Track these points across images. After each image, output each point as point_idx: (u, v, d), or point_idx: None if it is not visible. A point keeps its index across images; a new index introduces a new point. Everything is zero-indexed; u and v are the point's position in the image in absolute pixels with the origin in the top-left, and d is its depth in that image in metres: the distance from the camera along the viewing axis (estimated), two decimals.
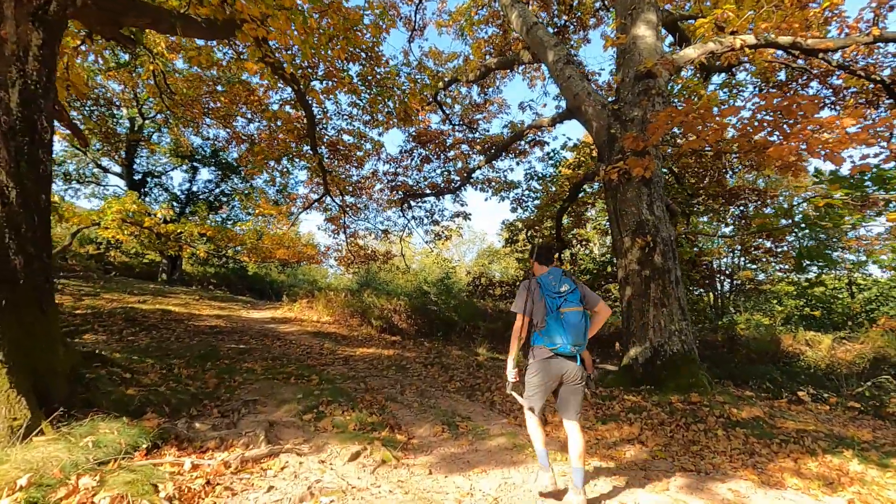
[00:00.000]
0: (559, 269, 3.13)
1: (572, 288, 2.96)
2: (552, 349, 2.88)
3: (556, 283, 2.97)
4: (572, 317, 2.86)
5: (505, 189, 11.61)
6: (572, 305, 2.89)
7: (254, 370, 5.83)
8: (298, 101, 8.34)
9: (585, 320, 2.93)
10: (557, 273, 3.05)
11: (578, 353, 2.91)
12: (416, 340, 12.44)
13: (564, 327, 2.84)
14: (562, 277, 3.01)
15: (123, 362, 4.14)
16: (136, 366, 4.31)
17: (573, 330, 2.84)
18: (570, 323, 2.85)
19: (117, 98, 18.85)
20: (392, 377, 6.95)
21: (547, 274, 3.05)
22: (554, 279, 2.99)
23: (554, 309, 2.89)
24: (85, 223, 11.71)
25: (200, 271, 24.25)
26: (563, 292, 2.93)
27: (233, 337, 8.94)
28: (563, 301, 2.90)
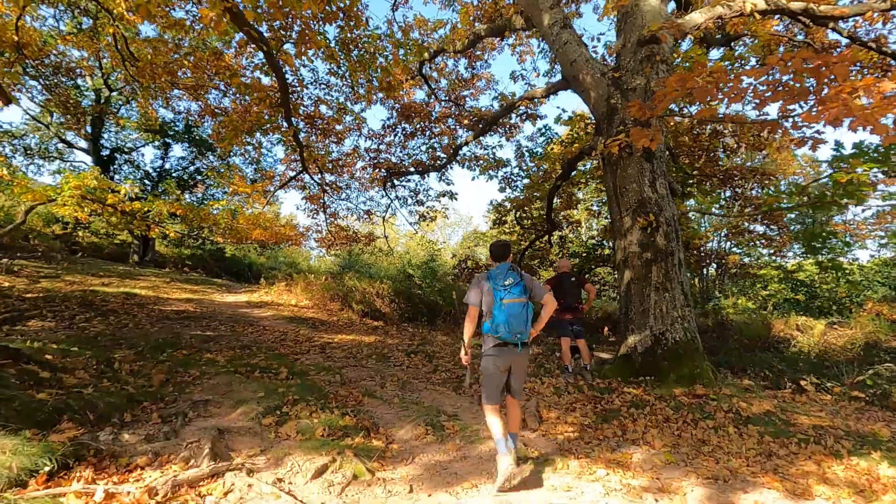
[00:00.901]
0: (507, 263, 3.37)
1: (516, 281, 3.22)
2: (496, 336, 3.18)
3: (502, 276, 3.23)
4: (513, 308, 3.14)
5: (493, 168, 10.99)
6: (513, 297, 3.16)
7: (215, 362, 5.21)
8: (268, 65, 7.55)
9: (527, 310, 3.21)
10: (504, 267, 3.31)
11: (521, 341, 3.18)
12: (399, 326, 11.90)
13: (507, 317, 3.12)
14: (508, 271, 3.27)
15: (46, 357, 3.49)
16: (66, 360, 3.67)
17: (514, 319, 3.12)
18: (511, 313, 3.12)
19: (80, 67, 17.59)
20: (372, 367, 6.39)
21: (496, 267, 3.34)
22: (500, 272, 3.26)
23: (498, 300, 3.17)
24: (40, 199, 10.77)
25: (175, 253, 23.26)
26: (507, 285, 3.19)
27: (200, 323, 8.27)
28: (506, 293, 3.17)
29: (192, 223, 15.19)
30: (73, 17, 16.00)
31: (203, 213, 14.05)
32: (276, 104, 9.04)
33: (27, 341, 4.40)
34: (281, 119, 9.63)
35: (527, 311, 3.20)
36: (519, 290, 3.20)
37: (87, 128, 19.61)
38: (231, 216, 14.94)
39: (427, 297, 13.69)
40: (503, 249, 3.48)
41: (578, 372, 6.10)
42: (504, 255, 3.45)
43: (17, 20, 10.48)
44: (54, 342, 4.83)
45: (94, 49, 13.85)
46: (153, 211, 12.51)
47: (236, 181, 15.85)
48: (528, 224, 12.39)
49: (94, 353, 4.41)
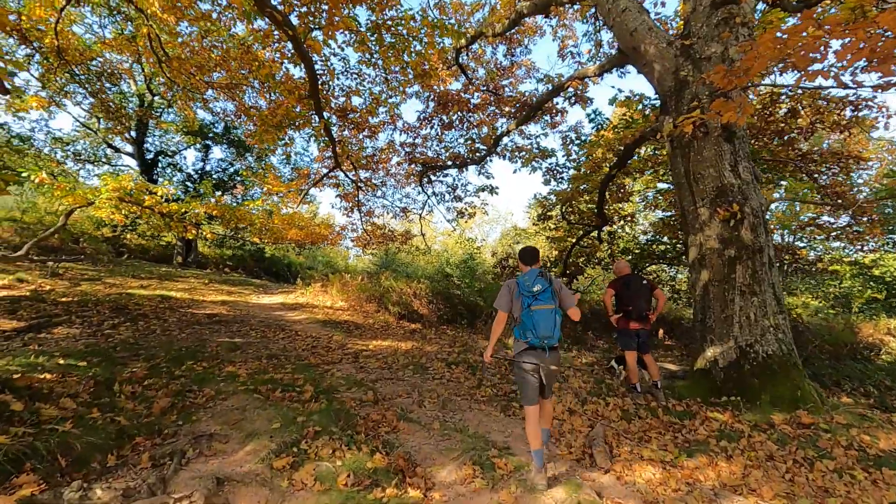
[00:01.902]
0: (536, 269, 3.40)
1: (544, 287, 3.27)
2: (526, 341, 3.31)
3: (531, 282, 3.28)
4: (541, 314, 3.21)
5: (538, 158, 10.12)
6: (541, 304, 3.23)
7: (235, 376, 4.69)
8: (296, 52, 7.03)
9: (555, 316, 3.26)
10: (533, 273, 3.34)
11: (549, 345, 3.27)
12: (437, 328, 11.25)
13: (534, 323, 3.21)
14: (536, 277, 3.30)
15: (32, 381, 3.02)
16: (57, 384, 3.20)
17: (542, 325, 3.20)
18: (538, 319, 3.21)
19: (122, 72, 17.93)
20: (408, 380, 5.74)
21: (525, 274, 3.39)
22: (529, 279, 3.31)
23: (526, 306, 3.26)
24: (80, 202, 10.77)
25: (217, 254, 23.58)
26: (535, 291, 3.24)
27: (230, 328, 7.89)
28: (533, 299, 3.24)
29: (228, 224, 15.14)
30: (114, 21, 16.23)
31: (239, 213, 13.91)
32: (306, 96, 8.56)
33: (20, 356, 3.99)
34: (311, 113, 9.16)
35: (555, 316, 3.26)
36: (547, 297, 3.25)
37: (131, 132, 20.05)
38: (267, 216, 14.77)
39: (466, 298, 12.97)
40: (532, 255, 3.52)
41: (647, 390, 5.22)
42: (533, 261, 3.50)
43: (56, 24, 10.46)
44: (64, 354, 4.43)
45: (133, 51, 13.94)
46: (190, 212, 12.40)
47: (270, 180, 15.66)
48: (575, 219, 11.44)
49: (100, 369, 3.96)
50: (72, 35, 13.19)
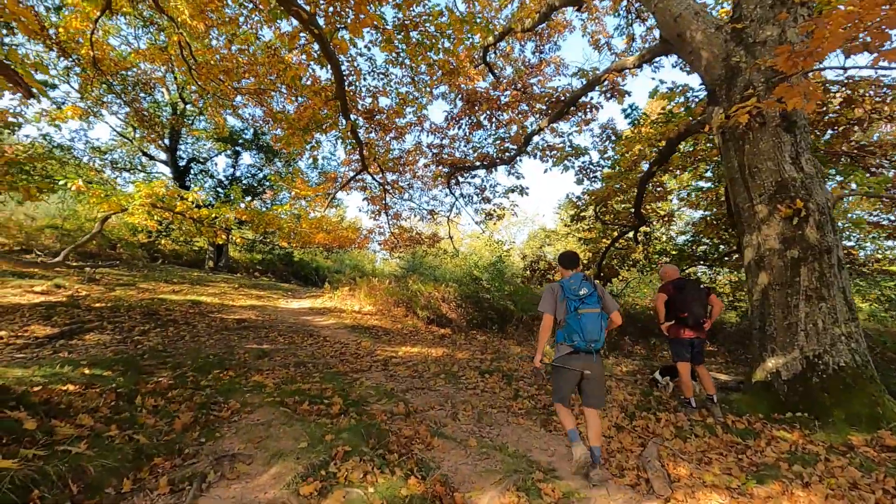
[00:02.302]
0: (579, 273, 3.43)
1: (590, 291, 3.31)
2: (571, 345, 3.29)
3: (577, 286, 3.32)
4: (589, 318, 3.22)
5: (571, 157, 9.71)
6: (589, 307, 3.25)
7: (262, 386, 4.51)
8: (322, 51, 6.88)
9: (602, 321, 3.30)
10: (578, 277, 3.38)
11: (595, 349, 3.27)
12: (467, 334, 10.95)
13: (582, 327, 3.21)
14: (582, 281, 3.34)
15: (51, 393, 2.89)
16: (77, 397, 3.06)
17: (590, 329, 3.21)
18: (586, 323, 3.21)
19: (154, 81, 18.38)
20: (440, 390, 5.46)
21: (569, 278, 3.41)
22: (574, 283, 3.34)
23: (572, 310, 3.27)
24: (114, 209, 10.98)
25: (247, 258, 23.92)
26: (581, 295, 3.28)
27: (258, 334, 7.79)
28: (580, 303, 3.25)
29: (258, 228, 15.26)
30: (148, 32, 16.64)
31: (268, 217, 13.99)
32: (332, 98, 8.43)
33: (47, 366, 3.90)
34: (338, 116, 9.04)
35: (601, 320, 3.29)
36: (594, 301, 3.29)
37: (165, 140, 20.54)
38: (295, 220, 14.81)
39: (496, 302, 12.63)
40: (572, 259, 3.54)
41: (702, 405, 4.78)
42: (573, 265, 3.53)
43: (91, 35, 10.67)
44: (91, 363, 4.34)
45: (165, 59, 14.21)
46: (220, 217, 12.50)
47: (298, 184, 15.70)
48: (610, 219, 10.97)
49: (124, 379, 3.83)
50: (107, 45, 13.53)
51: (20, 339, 5.54)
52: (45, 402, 2.76)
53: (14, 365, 4.10)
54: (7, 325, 6.16)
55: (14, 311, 7.12)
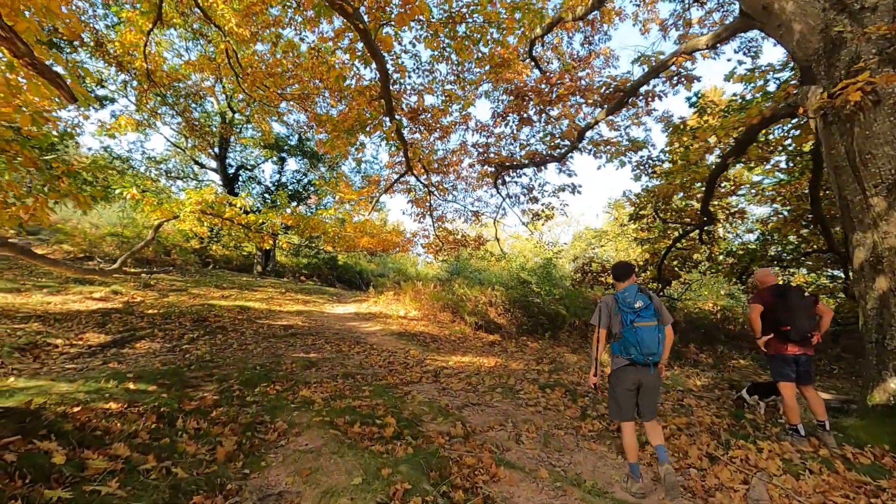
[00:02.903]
0: (634, 285, 3.33)
1: (646, 304, 3.20)
2: (627, 357, 3.21)
3: (631, 298, 3.22)
4: (645, 331, 3.13)
5: (629, 151, 8.99)
6: (646, 320, 3.16)
7: (311, 403, 4.20)
8: (366, 47, 6.60)
9: (659, 333, 3.18)
10: (633, 289, 3.28)
11: (652, 363, 3.19)
12: (517, 340, 10.43)
13: (638, 340, 3.12)
14: (637, 293, 3.25)
15: (87, 415, 2.66)
16: (117, 418, 2.83)
17: (647, 342, 3.12)
18: (643, 336, 3.12)
19: (205, 91, 18.94)
20: (498, 407, 5.00)
21: (624, 290, 3.31)
22: (629, 295, 3.24)
23: (628, 323, 3.18)
24: (167, 216, 11.19)
25: (293, 262, 24.31)
26: (637, 308, 3.17)
27: (305, 341, 7.60)
28: (636, 316, 3.16)
29: (303, 233, 15.34)
30: (198, 44, 17.14)
31: (313, 222, 14.01)
32: (377, 97, 8.16)
33: (92, 380, 3.73)
34: (382, 117, 8.78)
35: (659, 333, 3.17)
36: (650, 314, 3.18)
37: (214, 149, 21.17)
38: (339, 224, 14.78)
39: (547, 307, 12.03)
40: (626, 270, 3.43)
41: (811, 433, 4.08)
42: (627, 276, 3.40)
43: (144, 47, 10.91)
44: (137, 376, 4.18)
45: (213, 68, 14.53)
46: (267, 222, 12.57)
47: (342, 188, 15.66)
48: (670, 216, 10.15)
49: (168, 395, 3.62)
50: (159, 58, 13.95)
51: (74, 348, 5.53)
52: (80, 428, 2.53)
53: (62, 378, 3.99)
54: (64, 333, 6.22)
55: (73, 317, 7.25)
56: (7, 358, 4.69)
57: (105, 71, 16.50)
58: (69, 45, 14.48)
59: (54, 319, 6.96)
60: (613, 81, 7.69)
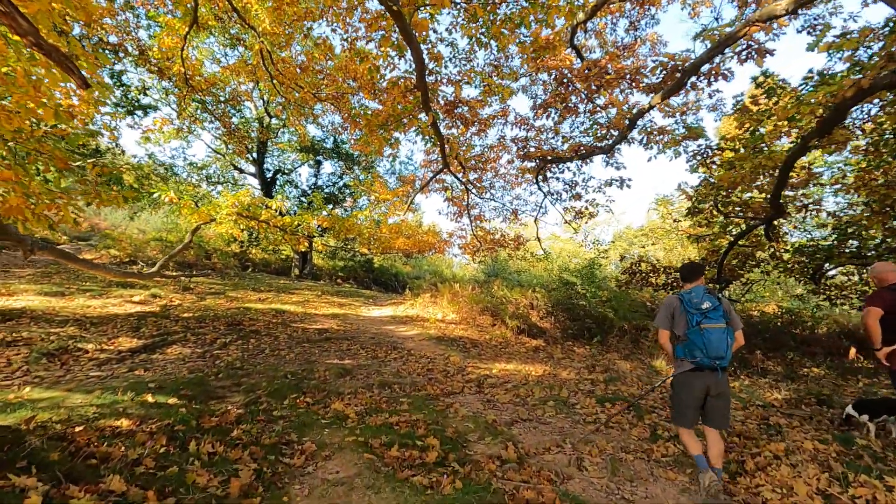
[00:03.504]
0: (701, 286, 3.22)
1: (714, 305, 3.07)
2: (692, 361, 3.07)
3: (698, 300, 3.10)
4: (713, 333, 2.99)
5: (687, 139, 8.17)
6: (713, 322, 3.01)
7: (344, 419, 3.77)
8: (401, 33, 6.18)
9: (728, 337, 3.02)
10: (700, 290, 3.17)
11: (720, 367, 3.01)
12: (563, 345, 9.75)
13: (705, 342, 2.98)
14: (704, 295, 3.13)
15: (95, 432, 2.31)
16: (121, 441, 2.46)
17: (714, 345, 2.97)
18: (710, 339, 2.98)
19: (243, 97, 19.17)
20: (553, 424, 4.42)
21: (690, 291, 3.22)
22: (696, 296, 3.14)
23: (694, 324, 3.05)
24: (203, 219, 11.17)
25: (330, 265, 24.35)
26: (704, 309, 3.05)
27: (340, 346, 7.23)
28: (703, 317, 3.04)
29: (339, 235, 15.16)
30: (235, 50, 17.34)
31: (348, 223, 13.80)
32: (412, 88, 7.74)
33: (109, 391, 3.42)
34: (417, 109, 8.36)
35: (727, 336, 3.02)
36: (718, 315, 3.05)
37: (253, 154, 21.45)
38: (375, 226, 14.50)
39: (593, 310, 11.27)
40: (695, 271, 3.33)
41: None
42: (696, 276, 3.30)
43: (182, 51, 10.94)
44: (160, 386, 3.87)
45: (248, 71, 14.57)
46: (302, 224, 12.42)
47: (377, 187, 15.39)
48: (732, 210, 9.24)
49: (188, 410, 3.26)
50: (196, 61, 14.09)
51: (104, 353, 5.33)
52: (73, 456, 2.16)
53: (80, 388, 3.72)
54: (97, 337, 6.07)
55: (109, 321, 7.15)
56: (34, 364, 4.49)
57: (149, 81, 16.91)
58: (114, 54, 14.84)
59: (90, 323, 6.87)
60: (672, 60, 6.96)
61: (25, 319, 6.64)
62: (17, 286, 9.03)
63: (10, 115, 3.78)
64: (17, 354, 4.78)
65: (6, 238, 6.06)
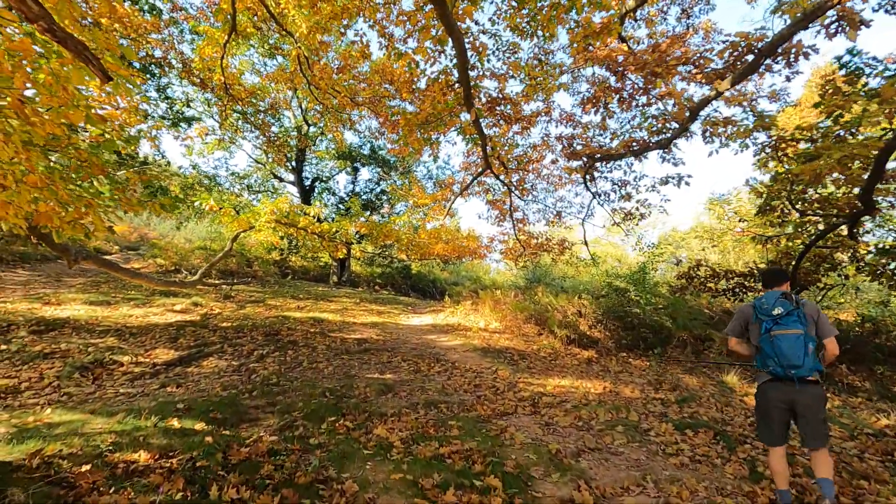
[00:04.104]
0: (777, 291, 2.99)
1: (787, 310, 2.83)
2: (767, 371, 2.90)
3: (770, 305, 2.90)
4: (783, 340, 2.79)
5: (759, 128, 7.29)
6: (784, 328, 2.81)
7: (388, 448, 3.31)
8: (441, 22, 5.74)
9: (805, 342, 2.75)
10: (773, 295, 2.94)
11: (797, 376, 2.75)
12: (617, 357, 9.01)
13: (774, 350, 2.81)
14: (778, 300, 2.90)
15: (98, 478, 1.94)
16: (131, 488, 2.08)
17: (785, 353, 2.76)
18: (780, 346, 2.79)
19: (282, 106, 19.37)
20: (626, 455, 3.80)
21: (763, 296, 3.01)
22: (767, 301, 2.93)
23: (765, 331, 2.88)
24: (243, 227, 11.11)
25: (367, 272, 24.24)
26: (775, 315, 2.85)
27: (380, 358, 6.81)
28: (774, 324, 2.85)
29: (376, 241, 14.91)
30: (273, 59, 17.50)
31: (386, 229, 13.53)
32: (453, 83, 7.31)
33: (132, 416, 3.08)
34: (459, 106, 7.91)
35: (805, 343, 2.73)
36: (792, 321, 2.79)
37: (292, 162, 21.65)
38: (413, 231, 14.15)
39: (648, 318, 10.43)
40: (775, 276, 3.10)
41: None
42: (775, 282, 3.05)
43: (222, 60, 10.95)
44: (188, 407, 3.53)
45: (286, 78, 14.60)
46: (340, 231, 12.23)
47: (415, 191, 15.05)
48: (813, 207, 8.29)
49: (215, 438, 2.87)
50: (237, 70, 14.24)
51: (139, 367, 5.11)
52: None
53: (105, 409, 3.43)
54: (134, 349, 5.90)
55: (148, 331, 7.02)
56: (65, 380, 4.28)
57: (192, 93, 17.27)
58: (159, 67, 15.18)
59: (130, 334, 6.75)
60: (744, 40, 6.19)
61: (68, 330, 6.58)
62: (66, 295, 9.14)
63: (43, 120, 3.57)
64: (51, 368, 4.60)
65: (52, 248, 6.00)
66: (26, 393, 3.89)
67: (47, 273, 11.94)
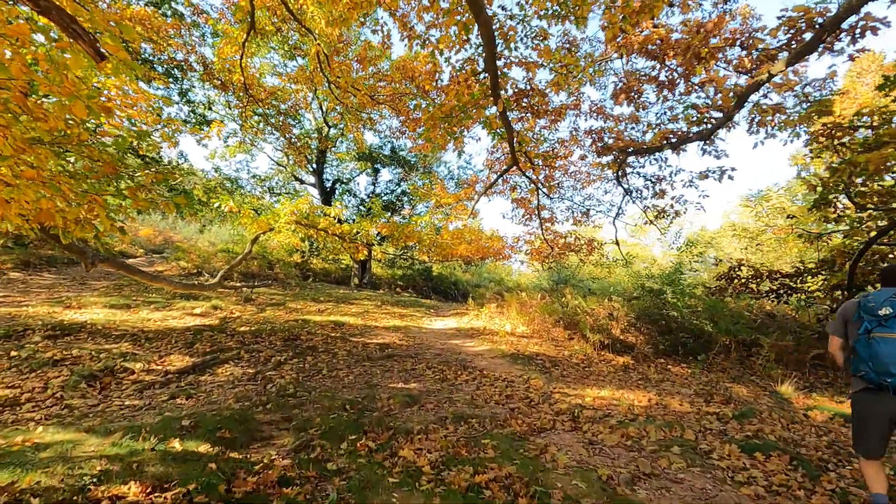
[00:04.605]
0: (892, 290, 2.60)
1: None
2: (861, 377, 2.61)
3: (878, 303, 2.56)
4: (882, 343, 2.47)
5: (815, 113, 6.65)
6: (889, 332, 2.47)
7: (417, 475, 2.89)
8: (469, 6, 5.32)
9: None
10: (885, 294, 2.60)
11: (893, 386, 2.44)
12: (655, 364, 8.41)
13: (871, 354, 2.52)
14: (888, 299, 2.54)
15: None
16: None
17: (881, 358, 2.47)
18: (879, 349, 2.48)
19: (302, 107, 19.24)
20: (687, 483, 3.29)
21: (873, 293, 2.69)
22: (876, 299, 2.60)
23: (864, 332, 2.57)
24: (263, 228, 10.89)
25: (389, 274, 23.95)
26: (882, 315, 2.52)
27: (404, 365, 6.41)
28: (877, 325, 2.52)
29: (397, 242, 14.59)
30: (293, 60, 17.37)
31: (407, 230, 13.19)
32: (479, 72, 6.88)
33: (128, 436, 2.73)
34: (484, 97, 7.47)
35: None
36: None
37: (312, 164, 21.53)
38: (434, 232, 13.77)
39: (687, 322, 9.78)
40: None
41: None
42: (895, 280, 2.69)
43: (241, 59, 10.75)
44: (194, 424, 3.18)
45: (306, 78, 14.42)
46: (361, 232, 11.92)
47: (438, 191, 14.66)
48: (875, 201, 7.56)
49: (220, 464, 2.50)
50: (257, 71, 14.10)
51: (150, 375, 4.82)
52: None
53: (104, 426, 3.11)
54: (148, 355, 5.64)
55: (164, 336, 6.78)
56: (70, 390, 3.99)
57: (213, 96, 17.23)
58: (181, 70, 15.16)
59: (146, 338, 6.51)
60: (804, 13, 5.58)
61: (83, 334, 6.38)
62: (87, 299, 9.02)
63: (47, 114, 3.28)
64: (57, 376, 4.33)
65: (67, 250, 5.79)
66: (26, 405, 3.61)
67: (72, 276, 11.94)
